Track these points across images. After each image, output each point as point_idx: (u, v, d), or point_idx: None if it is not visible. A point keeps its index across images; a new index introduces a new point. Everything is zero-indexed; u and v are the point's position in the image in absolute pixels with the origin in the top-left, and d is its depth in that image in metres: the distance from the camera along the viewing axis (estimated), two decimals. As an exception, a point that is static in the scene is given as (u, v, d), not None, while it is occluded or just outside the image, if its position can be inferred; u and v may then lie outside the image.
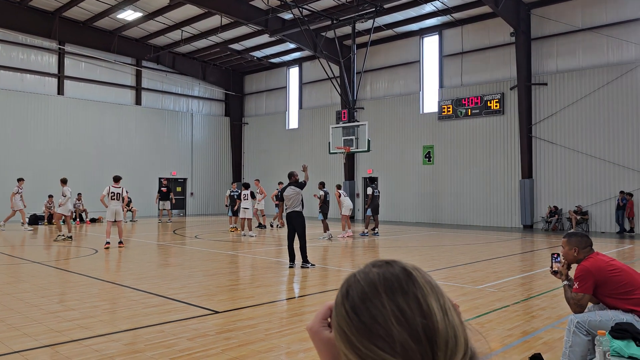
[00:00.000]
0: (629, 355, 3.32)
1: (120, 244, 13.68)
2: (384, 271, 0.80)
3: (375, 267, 0.82)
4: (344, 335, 0.79)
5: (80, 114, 25.92)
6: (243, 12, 22.37)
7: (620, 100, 19.14)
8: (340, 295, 0.83)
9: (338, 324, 0.80)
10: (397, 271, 0.80)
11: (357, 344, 0.76)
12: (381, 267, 0.82)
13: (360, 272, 0.83)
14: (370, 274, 0.81)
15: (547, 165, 20.81)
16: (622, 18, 19.20)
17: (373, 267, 0.82)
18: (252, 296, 7.61)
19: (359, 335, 0.76)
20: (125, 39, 26.95)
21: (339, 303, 0.82)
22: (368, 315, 0.76)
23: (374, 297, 0.77)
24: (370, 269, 0.82)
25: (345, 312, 0.79)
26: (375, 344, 0.74)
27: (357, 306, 0.78)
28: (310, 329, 0.89)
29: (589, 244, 4.02)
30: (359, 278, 0.82)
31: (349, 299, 0.80)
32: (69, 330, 5.54)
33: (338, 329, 0.80)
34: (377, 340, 0.74)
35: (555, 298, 7.34)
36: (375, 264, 0.84)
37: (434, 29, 24.19)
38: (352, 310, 0.78)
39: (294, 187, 10.54)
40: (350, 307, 0.79)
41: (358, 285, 0.80)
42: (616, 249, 13.83)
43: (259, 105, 32.58)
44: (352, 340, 0.77)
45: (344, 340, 0.78)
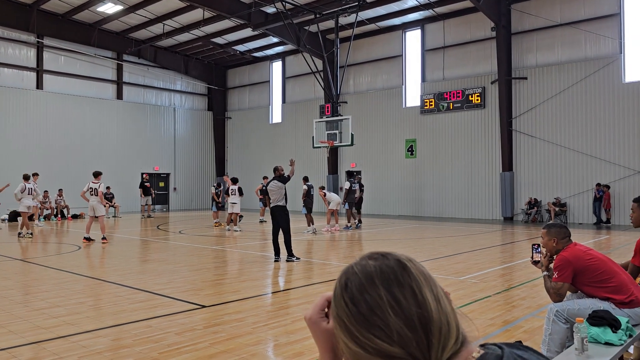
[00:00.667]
0: (606, 341, 3.45)
1: (104, 240, 13.54)
2: (380, 264, 0.85)
3: (371, 259, 0.87)
4: (343, 325, 0.83)
5: (60, 109, 25.55)
6: (225, 6, 22.24)
7: (597, 94, 19.52)
8: (339, 287, 0.87)
9: (338, 315, 0.85)
10: (392, 263, 0.85)
11: (356, 334, 0.81)
12: (377, 259, 0.86)
13: (358, 265, 0.87)
14: (367, 267, 0.85)
15: (527, 158, 21.15)
16: (599, 13, 19.55)
17: (369, 260, 0.87)
18: (239, 290, 7.66)
19: (357, 325, 0.81)
20: (106, 32, 26.61)
21: (338, 295, 0.86)
22: (366, 306, 0.81)
23: (371, 289, 0.82)
24: (367, 262, 0.86)
25: (344, 304, 0.84)
26: (373, 333, 0.80)
27: (355, 298, 0.83)
28: (309, 319, 0.93)
29: (568, 235, 4.15)
30: (356, 270, 0.86)
31: (348, 291, 0.84)
32: (55, 327, 5.53)
33: (338, 319, 0.85)
34: (375, 329, 0.80)
35: (535, 288, 7.53)
36: (372, 256, 0.88)
37: (416, 24, 24.33)
38: (351, 302, 0.83)
39: (278, 181, 10.59)
40: (349, 298, 0.83)
41: (356, 277, 0.85)
42: (593, 240, 14.16)
43: (242, 100, 32.45)
44: (352, 330, 0.82)
45: (344, 329, 0.83)
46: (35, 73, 25.19)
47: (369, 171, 25.59)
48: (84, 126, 26.34)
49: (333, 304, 0.88)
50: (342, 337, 0.84)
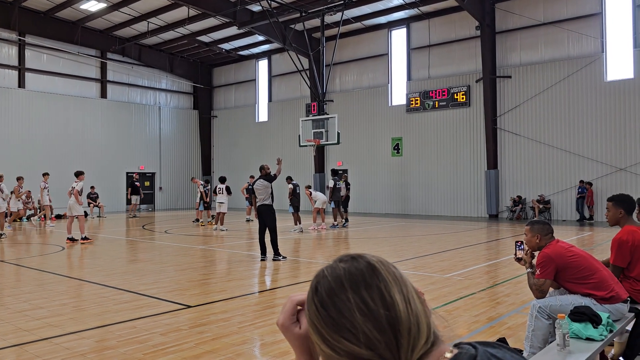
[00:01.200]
0: (587, 337, 3.50)
1: (83, 240, 13.28)
2: (349, 266, 0.85)
3: (342, 262, 0.87)
4: (315, 329, 0.85)
5: (43, 108, 25.22)
6: (211, 4, 22.12)
7: (579, 92, 19.76)
8: (310, 291, 0.88)
9: (310, 318, 0.86)
10: (361, 266, 0.85)
11: (327, 336, 0.82)
12: (347, 262, 0.87)
13: (328, 268, 0.88)
14: (337, 270, 0.86)
15: (512, 156, 21.36)
16: (581, 13, 19.79)
17: (340, 263, 0.87)
18: (225, 290, 7.64)
19: (327, 328, 0.82)
20: (89, 30, 26.31)
21: (309, 299, 0.87)
22: (335, 309, 0.82)
23: (340, 292, 0.83)
24: (337, 265, 0.87)
25: (315, 307, 0.85)
26: (343, 336, 0.81)
27: (324, 301, 0.84)
28: (281, 325, 0.93)
29: (550, 231, 4.20)
30: (326, 274, 0.87)
31: (318, 295, 0.85)
32: (37, 329, 5.47)
33: (310, 323, 0.86)
34: (344, 332, 0.81)
35: (519, 285, 7.61)
36: (342, 259, 0.89)
37: (401, 22, 24.42)
38: (321, 305, 0.84)
39: (264, 180, 10.57)
40: (319, 302, 0.84)
41: (326, 280, 0.86)
42: (577, 236, 14.35)
43: (228, 98, 32.31)
44: (323, 333, 0.83)
45: (316, 332, 0.85)
46: (17, 71, 24.83)
47: (356, 169, 25.65)
48: (68, 125, 26.03)
49: (306, 307, 0.88)
50: (316, 339, 0.85)
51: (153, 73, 30.04)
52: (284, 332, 0.93)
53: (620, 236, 4.33)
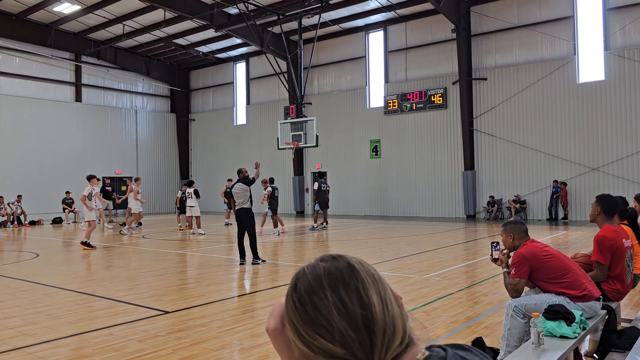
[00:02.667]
0: (561, 335, 3.56)
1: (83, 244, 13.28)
2: (330, 265, 0.87)
3: (322, 261, 0.89)
4: (292, 325, 0.86)
5: (15, 112, 24.71)
6: (187, 6, 21.96)
7: (553, 94, 20.15)
8: (289, 288, 0.89)
9: (287, 315, 0.87)
10: (341, 265, 0.87)
11: (303, 333, 0.83)
12: (327, 261, 0.89)
13: (309, 267, 0.89)
14: (317, 268, 0.88)
15: (488, 157, 21.66)
16: (554, 16, 20.19)
17: (320, 262, 0.89)
18: (203, 295, 7.57)
19: (304, 325, 0.83)
20: (63, 32, 25.87)
21: (288, 296, 0.88)
22: (312, 306, 0.83)
23: (318, 290, 0.84)
24: (318, 264, 0.89)
25: (293, 304, 0.86)
26: (318, 333, 0.82)
27: (303, 298, 0.85)
28: (273, 329, 0.91)
29: (524, 230, 4.27)
30: (307, 272, 0.88)
31: (297, 292, 0.87)
32: (10, 339, 5.35)
33: (288, 319, 0.87)
34: (319, 329, 0.82)
35: (495, 284, 7.71)
36: (323, 258, 0.90)
37: (378, 25, 24.59)
38: (299, 302, 0.85)
39: (242, 183, 10.51)
40: (298, 298, 0.86)
41: (305, 278, 0.87)
42: (551, 236, 14.60)
43: (205, 101, 32.09)
44: (299, 329, 0.84)
45: (293, 329, 0.86)
46: (-12, 75, 24.29)
47: (335, 172, 25.70)
48: (42, 130, 25.54)
49: (285, 305, 0.89)
50: (292, 336, 0.86)
51: (129, 76, 29.68)
52: (275, 336, 0.91)
53: (603, 234, 4.43)
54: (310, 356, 0.83)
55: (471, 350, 0.89)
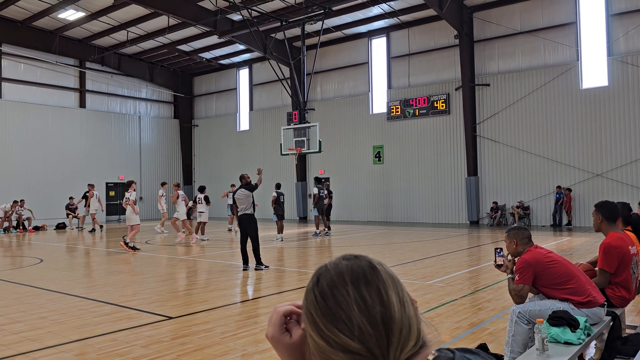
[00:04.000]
0: (565, 341, 3.55)
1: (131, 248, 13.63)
2: (352, 263, 0.90)
3: (344, 259, 0.92)
4: (311, 318, 0.88)
5: (20, 118, 24.84)
6: (191, 13, 22.07)
7: (556, 99, 20.15)
8: (311, 282, 0.91)
9: (307, 308, 0.89)
10: (363, 264, 0.89)
11: (322, 326, 0.85)
12: (350, 260, 0.91)
13: (331, 263, 0.92)
14: (340, 265, 0.90)
15: (491, 163, 21.64)
16: (557, 22, 20.22)
17: (343, 260, 0.92)
18: (207, 300, 7.57)
19: (323, 319, 0.85)
20: (68, 39, 26.03)
21: (309, 289, 0.91)
22: (334, 301, 0.85)
23: (340, 286, 0.87)
24: (340, 261, 0.91)
25: (314, 297, 0.88)
26: (337, 327, 0.84)
27: (325, 292, 0.87)
28: (272, 337, 0.95)
29: (527, 236, 4.27)
30: (329, 268, 0.91)
31: (319, 286, 0.89)
32: (15, 344, 5.36)
33: (306, 312, 0.89)
34: (339, 323, 0.84)
35: (499, 290, 7.69)
36: (345, 257, 0.93)
37: (381, 31, 24.66)
38: (321, 296, 0.87)
39: (245, 189, 10.52)
40: (319, 292, 0.88)
41: (328, 274, 0.90)
42: (555, 242, 14.56)
43: (209, 107, 32.20)
44: (318, 322, 0.86)
45: (311, 322, 0.88)
46: (-7, 81, 24.44)
47: (337, 177, 25.71)
48: (46, 135, 25.66)
49: (304, 298, 0.92)
50: (309, 329, 0.88)
51: (133, 82, 29.81)
52: (275, 343, 0.95)
53: (609, 241, 4.40)
54: (326, 350, 0.85)
55: (479, 354, 0.90)
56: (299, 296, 8.27)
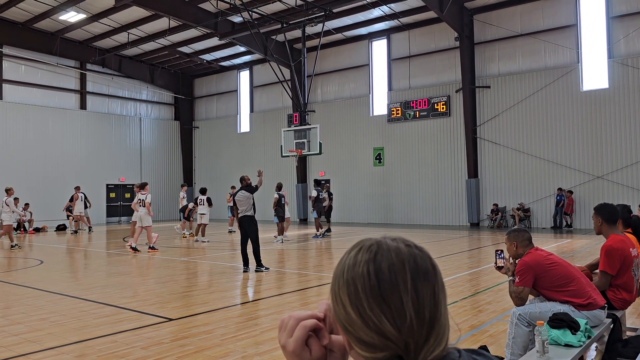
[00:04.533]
0: (565, 343, 3.55)
1: (150, 249, 13.84)
2: (415, 254, 0.87)
3: (405, 244, 0.88)
4: (353, 290, 0.85)
5: (21, 119, 24.86)
6: (191, 15, 22.10)
7: (556, 102, 20.15)
8: (365, 255, 0.87)
9: (352, 279, 0.85)
10: (425, 259, 0.88)
11: (364, 304, 0.83)
12: (410, 247, 0.88)
13: (391, 244, 0.88)
14: (402, 251, 0.87)
15: (491, 165, 21.63)
16: (557, 24, 20.24)
17: (402, 244, 0.88)
18: (207, 302, 7.57)
19: (371, 298, 0.83)
20: (68, 41, 26.06)
21: (362, 261, 0.86)
22: (389, 285, 0.83)
23: (400, 272, 0.84)
24: (400, 245, 0.88)
25: (367, 273, 0.85)
26: (383, 311, 0.82)
27: (382, 273, 0.84)
28: (292, 352, 0.90)
29: (527, 238, 4.27)
30: (389, 248, 0.87)
31: (376, 264, 0.85)
32: (15, 345, 5.36)
33: (350, 283, 0.85)
34: (386, 308, 0.82)
35: (500, 292, 7.68)
36: (406, 242, 0.89)
37: (382, 33, 24.68)
38: (375, 274, 0.84)
39: (245, 191, 10.52)
40: (375, 271, 0.84)
41: (388, 255, 0.86)
42: (555, 244, 14.55)
43: (209, 109, 32.21)
44: (361, 298, 0.84)
45: (351, 294, 0.85)
46: (-6, 83, 24.47)
47: (338, 179, 25.71)
48: (46, 137, 25.67)
49: (346, 268, 0.88)
50: (346, 300, 0.85)
51: (133, 84, 29.84)
52: (291, 358, 0.90)
53: (611, 244, 4.40)
54: (358, 326, 0.83)
55: (485, 354, 0.90)
56: (298, 298, 8.23)
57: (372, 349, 0.83)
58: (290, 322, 0.91)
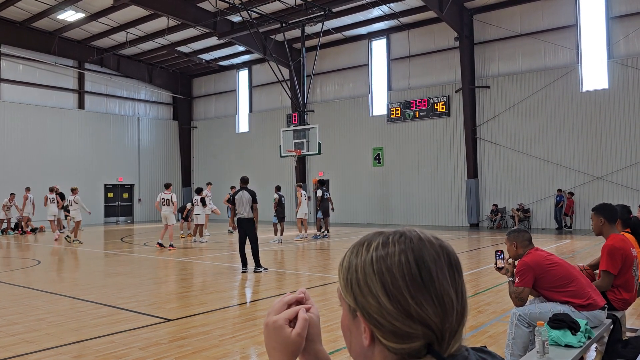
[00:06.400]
0: (566, 344, 3.53)
1: (171, 247, 14.31)
2: (445, 245, 0.89)
3: (435, 239, 0.89)
4: (390, 279, 0.83)
5: (19, 119, 24.81)
6: (190, 14, 22.06)
7: (556, 102, 20.14)
8: (398, 245, 0.86)
9: (388, 269, 0.84)
10: (453, 250, 0.90)
11: (405, 293, 0.82)
12: (438, 239, 0.90)
13: (425, 237, 0.89)
14: (437, 244, 0.88)
15: (491, 165, 21.61)
16: (557, 24, 20.22)
17: (433, 238, 0.89)
18: (205, 302, 7.54)
19: (413, 287, 0.82)
20: (67, 40, 26.01)
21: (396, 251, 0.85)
22: (430, 275, 0.83)
23: (439, 263, 0.85)
24: (432, 239, 0.89)
25: (406, 262, 0.84)
26: (425, 300, 0.82)
27: (425, 263, 0.84)
28: (274, 322, 0.95)
29: (527, 239, 4.25)
30: (427, 242, 0.87)
31: (415, 253, 0.85)
32: (12, 346, 5.32)
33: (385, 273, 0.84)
34: (428, 297, 0.82)
35: (499, 293, 7.66)
36: (436, 237, 0.90)
37: (381, 33, 24.66)
38: (416, 264, 0.84)
39: (246, 193, 10.47)
40: (415, 260, 0.84)
41: (428, 248, 0.86)
42: (556, 245, 14.53)
43: (208, 109, 32.17)
44: (401, 287, 0.82)
45: (387, 284, 0.83)
46: (-8, 82, 24.41)
47: (337, 180, 25.68)
48: (44, 137, 25.61)
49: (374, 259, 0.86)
50: (380, 291, 0.83)
51: (132, 83, 29.79)
52: (273, 331, 0.95)
53: (612, 243, 4.38)
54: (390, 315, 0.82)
55: (491, 353, 0.90)
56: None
57: (404, 340, 0.83)
58: (275, 304, 0.99)
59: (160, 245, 14.57)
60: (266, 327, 0.97)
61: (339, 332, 4.89)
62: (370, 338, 0.86)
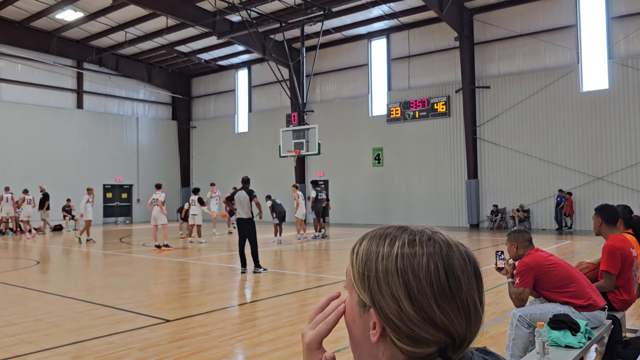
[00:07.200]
0: (566, 344, 3.51)
1: (165, 247, 14.49)
2: (473, 256, 0.87)
3: (462, 246, 0.87)
4: (412, 282, 0.80)
5: (17, 119, 24.77)
6: (189, 14, 22.03)
7: (556, 102, 20.13)
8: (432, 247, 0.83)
9: (413, 270, 0.81)
10: (477, 262, 0.88)
11: (432, 301, 0.80)
12: (467, 249, 0.88)
13: (453, 243, 0.86)
14: (463, 252, 0.86)
15: (491, 166, 21.60)
16: (557, 24, 20.21)
17: (461, 246, 0.87)
18: (204, 303, 7.52)
19: (438, 295, 0.80)
20: (65, 40, 25.97)
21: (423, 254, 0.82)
22: (459, 285, 0.82)
23: (466, 274, 0.83)
24: (462, 247, 0.87)
25: (435, 269, 0.81)
26: (449, 309, 0.80)
27: (454, 272, 0.82)
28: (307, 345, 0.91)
29: (527, 239, 4.24)
30: (455, 249, 0.85)
31: (444, 261, 0.82)
32: (11, 346, 5.30)
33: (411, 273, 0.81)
34: (452, 307, 0.80)
35: (500, 294, 7.65)
36: (461, 243, 0.88)
37: (381, 33, 24.64)
38: (445, 272, 0.81)
39: (246, 194, 10.45)
40: (445, 268, 0.81)
41: (457, 256, 0.84)
42: (556, 245, 14.52)
43: (207, 109, 32.14)
44: (425, 292, 0.80)
45: (412, 289, 0.80)
46: (-9, 82, 24.38)
47: (337, 180, 25.66)
48: (43, 136, 25.57)
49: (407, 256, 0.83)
50: (403, 297, 0.80)
51: (131, 83, 29.75)
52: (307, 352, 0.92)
53: (612, 243, 4.37)
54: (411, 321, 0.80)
55: (497, 357, 0.89)
56: (296, 299, 8.19)
57: (421, 345, 0.81)
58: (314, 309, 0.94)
59: (157, 247, 14.50)
60: (302, 339, 0.93)
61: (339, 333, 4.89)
62: (379, 336, 0.83)
